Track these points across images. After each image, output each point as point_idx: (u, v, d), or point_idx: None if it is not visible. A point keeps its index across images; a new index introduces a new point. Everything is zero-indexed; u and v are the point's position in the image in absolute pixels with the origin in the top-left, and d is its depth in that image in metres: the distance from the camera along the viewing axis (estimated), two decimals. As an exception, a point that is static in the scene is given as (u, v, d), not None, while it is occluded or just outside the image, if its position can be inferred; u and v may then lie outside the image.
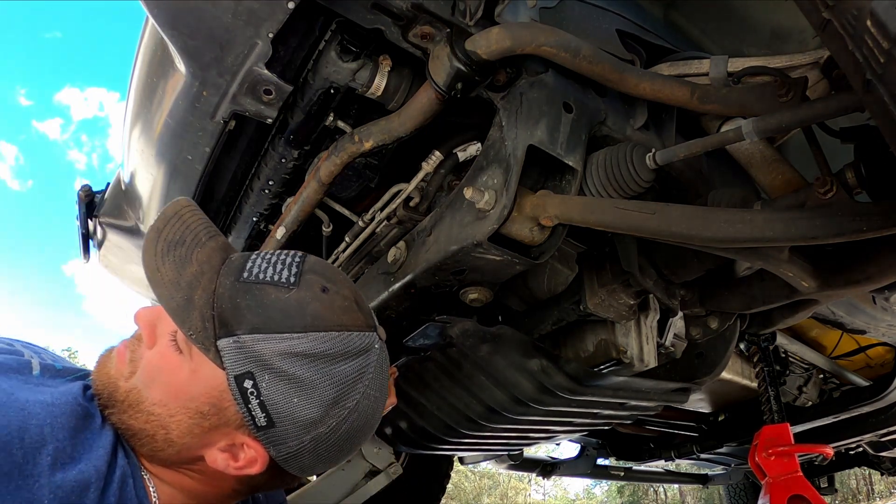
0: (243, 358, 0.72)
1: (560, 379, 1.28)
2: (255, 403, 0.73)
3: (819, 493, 1.68)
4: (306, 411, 0.73)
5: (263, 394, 0.72)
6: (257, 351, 0.72)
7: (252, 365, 0.72)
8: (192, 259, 0.78)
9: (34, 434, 0.65)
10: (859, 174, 0.82)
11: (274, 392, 0.72)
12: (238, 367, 0.72)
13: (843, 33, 0.53)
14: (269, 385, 0.72)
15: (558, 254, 1.30)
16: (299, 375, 0.73)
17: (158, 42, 1.10)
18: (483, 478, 19.09)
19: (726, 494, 4.59)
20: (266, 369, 0.72)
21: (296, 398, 0.73)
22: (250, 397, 0.72)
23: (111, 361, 0.81)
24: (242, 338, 0.73)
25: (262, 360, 0.72)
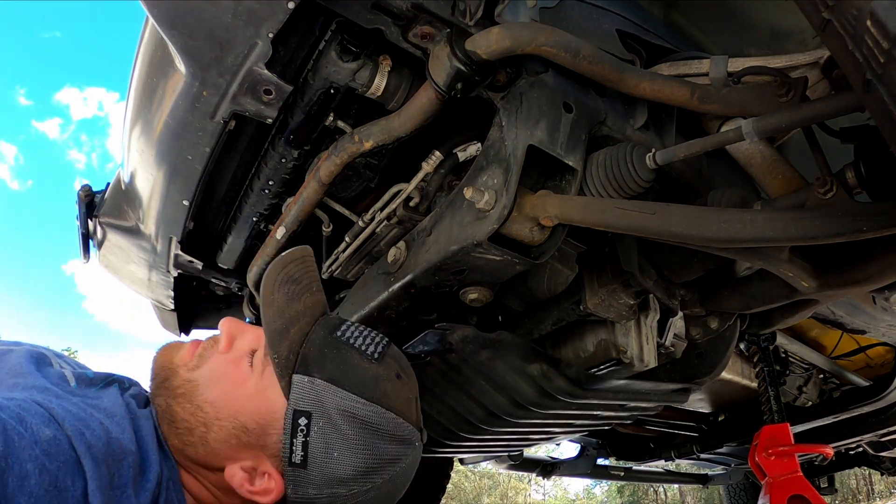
0: (309, 398, 0.79)
1: (560, 383, 1.28)
2: (300, 441, 0.78)
3: (819, 493, 1.68)
4: (340, 468, 0.78)
5: (311, 436, 0.78)
6: (324, 398, 0.78)
7: (314, 407, 0.78)
8: (300, 299, 0.87)
9: (115, 447, 0.68)
10: (859, 174, 0.82)
11: (321, 438, 0.78)
12: (302, 403, 0.78)
13: (843, 33, 0.53)
14: (320, 431, 0.78)
15: (558, 254, 1.30)
16: (349, 435, 0.78)
17: (158, 42, 1.10)
18: (483, 478, 19.08)
19: (726, 494, 4.59)
20: (324, 416, 0.78)
21: (336, 452, 0.77)
22: (298, 433, 0.78)
23: (178, 350, 0.87)
24: (317, 381, 0.79)
25: (324, 408, 0.78)
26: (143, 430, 0.76)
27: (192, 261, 1.61)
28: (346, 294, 1.40)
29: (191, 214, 1.43)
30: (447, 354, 1.27)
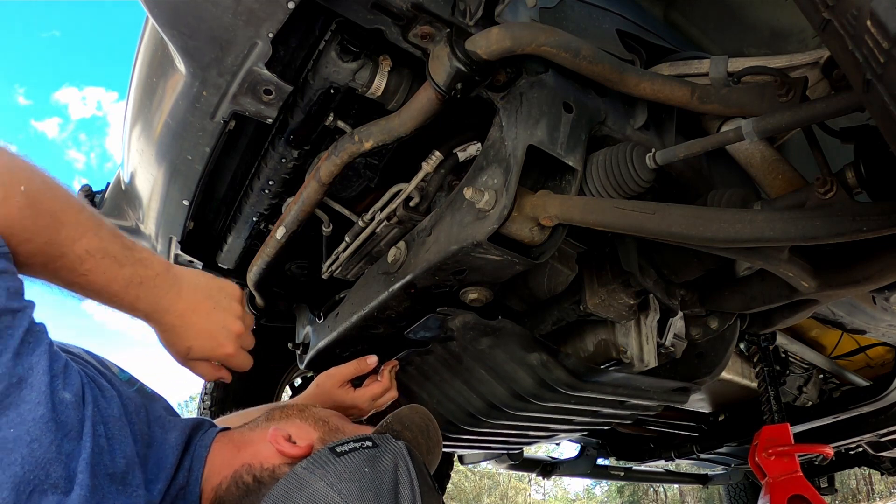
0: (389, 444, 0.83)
1: (560, 374, 1.28)
2: (353, 445, 0.81)
3: (819, 493, 1.68)
4: (342, 486, 0.75)
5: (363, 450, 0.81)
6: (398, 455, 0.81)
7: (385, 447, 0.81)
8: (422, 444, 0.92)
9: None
10: (859, 174, 0.82)
11: (368, 456, 0.79)
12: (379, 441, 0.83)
13: (843, 33, 0.53)
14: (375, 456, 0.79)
15: (558, 254, 1.30)
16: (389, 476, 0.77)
17: (158, 42, 1.10)
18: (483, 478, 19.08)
19: (726, 494, 4.59)
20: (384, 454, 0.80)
21: (368, 469, 0.77)
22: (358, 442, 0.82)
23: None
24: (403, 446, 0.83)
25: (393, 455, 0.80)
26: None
27: (192, 261, 1.61)
28: (346, 294, 1.40)
29: (191, 214, 1.43)
30: (448, 342, 1.27)
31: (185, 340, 0.84)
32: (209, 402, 2.36)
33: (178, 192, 1.37)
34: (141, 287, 0.77)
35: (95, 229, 0.72)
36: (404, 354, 1.37)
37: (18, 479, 0.55)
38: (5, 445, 0.55)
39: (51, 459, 0.58)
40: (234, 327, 0.87)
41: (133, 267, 0.76)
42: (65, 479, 0.59)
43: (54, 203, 0.68)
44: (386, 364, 1.27)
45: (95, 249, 0.72)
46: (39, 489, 0.57)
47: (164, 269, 0.81)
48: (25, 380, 0.59)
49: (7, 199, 0.62)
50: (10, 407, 0.57)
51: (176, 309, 0.82)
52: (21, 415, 0.57)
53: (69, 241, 0.69)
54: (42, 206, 0.66)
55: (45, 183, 0.68)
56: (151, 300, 0.79)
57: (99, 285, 0.74)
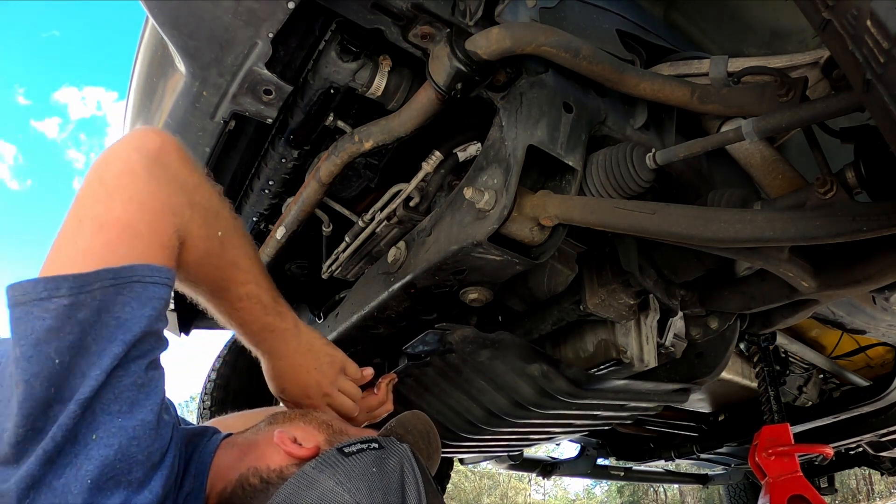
0: (393, 446, 0.84)
1: (561, 383, 1.28)
2: (360, 446, 0.82)
3: (819, 493, 1.68)
4: (346, 482, 0.75)
5: (370, 451, 0.81)
6: (403, 456, 0.81)
7: (390, 449, 0.83)
8: (422, 449, 0.92)
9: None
10: (859, 174, 0.82)
11: (375, 456, 0.80)
12: (383, 442, 0.84)
13: (843, 33, 0.53)
14: (381, 456, 0.80)
15: (558, 254, 1.30)
16: (396, 476, 0.78)
17: (158, 42, 1.10)
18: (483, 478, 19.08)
19: (726, 494, 4.59)
20: (390, 456, 0.80)
21: (375, 468, 0.77)
22: (364, 443, 0.83)
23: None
24: (407, 448, 0.84)
25: (398, 456, 0.81)
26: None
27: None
28: (346, 294, 1.40)
29: (191, 214, 1.42)
30: (447, 354, 1.27)
31: (283, 383, 0.99)
32: (209, 403, 2.36)
33: (178, 192, 1.37)
34: (272, 334, 0.94)
35: (257, 279, 0.90)
36: (403, 367, 1.37)
37: (108, 461, 0.61)
38: (109, 429, 0.61)
39: (140, 461, 0.64)
40: (326, 389, 1.00)
41: (273, 317, 0.93)
42: (139, 482, 0.64)
43: (238, 251, 0.86)
44: (384, 377, 1.27)
45: (253, 295, 0.89)
46: (116, 480, 0.62)
47: (294, 324, 0.97)
48: (147, 388, 0.66)
49: (209, 238, 0.80)
50: (130, 402, 0.63)
51: (287, 358, 0.97)
52: (134, 412, 0.63)
53: (237, 283, 0.87)
54: (228, 251, 0.84)
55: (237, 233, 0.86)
56: (274, 346, 0.96)
57: (243, 321, 0.91)
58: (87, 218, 0.66)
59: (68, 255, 0.65)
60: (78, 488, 0.59)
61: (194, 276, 0.82)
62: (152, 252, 0.68)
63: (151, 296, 0.66)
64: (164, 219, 0.70)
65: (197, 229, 0.76)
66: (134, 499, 0.63)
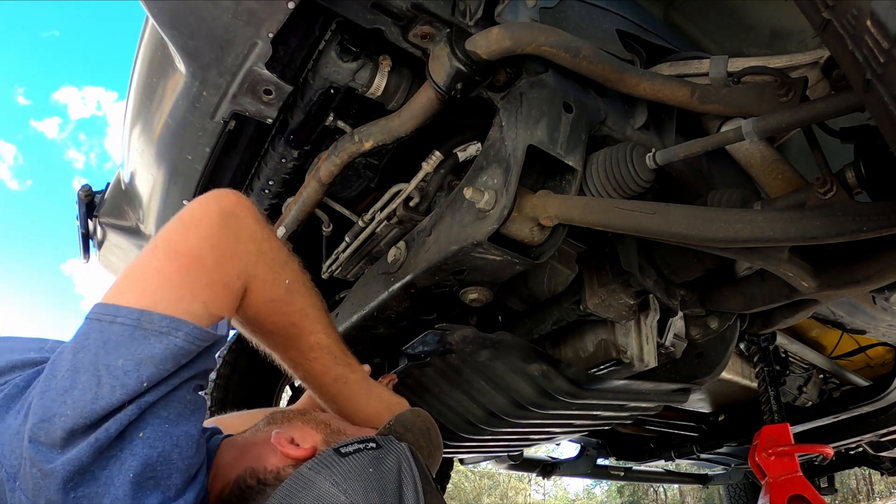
0: (392, 444, 0.84)
1: (561, 383, 1.28)
2: (357, 446, 0.82)
3: (819, 493, 1.68)
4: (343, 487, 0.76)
5: (367, 451, 0.82)
6: (401, 455, 0.82)
7: (388, 448, 0.83)
8: (423, 447, 0.92)
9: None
10: (859, 174, 0.82)
11: (372, 456, 0.80)
12: (382, 442, 0.84)
13: (843, 33, 0.53)
14: (379, 456, 0.80)
15: (558, 254, 1.30)
16: (393, 475, 0.78)
17: (158, 42, 1.10)
18: (483, 478, 19.08)
19: (726, 494, 4.59)
20: (388, 455, 0.81)
21: (372, 469, 0.78)
22: (362, 444, 0.83)
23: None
24: (406, 447, 0.83)
25: (397, 456, 0.81)
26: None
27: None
28: (346, 294, 1.40)
29: (191, 214, 1.42)
30: (447, 355, 1.27)
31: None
32: (209, 403, 2.36)
33: (178, 193, 1.37)
34: (344, 386, 0.97)
35: (326, 329, 0.93)
36: (403, 368, 1.37)
37: (151, 461, 0.64)
38: (156, 431, 0.65)
39: (180, 469, 0.67)
40: None
41: (344, 368, 0.95)
42: (177, 490, 0.67)
43: (306, 300, 0.89)
44: (383, 377, 1.27)
45: (324, 345, 0.92)
46: (156, 482, 0.65)
47: (363, 376, 1.00)
48: (193, 406, 0.71)
49: (275, 282, 0.84)
50: (178, 413, 0.68)
51: (362, 414, 0.99)
52: (180, 423, 0.68)
53: (307, 332, 0.90)
54: (296, 299, 0.88)
55: (304, 284, 0.90)
56: (347, 401, 0.98)
57: (315, 372, 0.94)
58: (163, 244, 0.74)
59: (142, 273, 0.73)
60: (120, 481, 0.62)
61: (263, 322, 0.86)
62: (214, 290, 0.74)
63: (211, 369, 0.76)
64: (230, 261, 0.77)
65: (263, 274, 0.81)
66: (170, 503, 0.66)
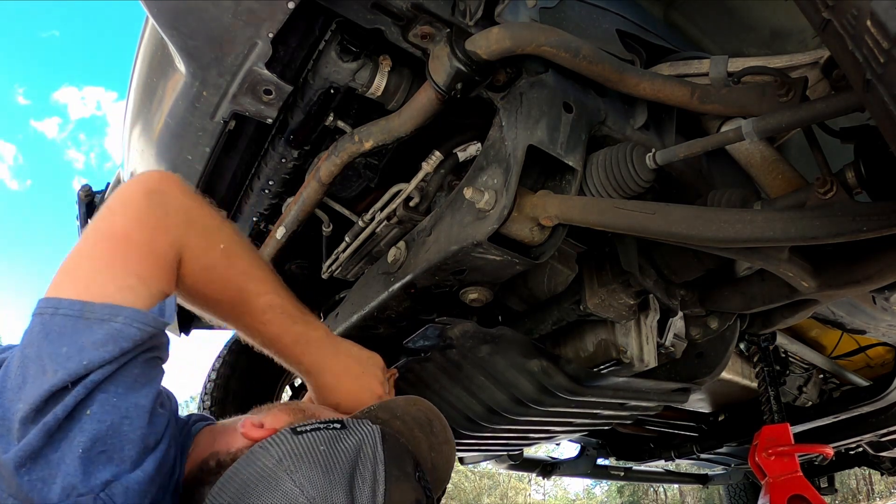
0: (361, 426, 0.82)
1: (560, 379, 1.28)
2: (316, 425, 0.80)
3: (819, 493, 1.68)
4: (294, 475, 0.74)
5: (325, 431, 0.80)
6: (367, 438, 0.79)
7: (354, 430, 0.80)
8: (422, 444, 0.90)
9: None
10: (859, 174, 0.82)
11: (328, 436, 0.78)
12: (350, 422, 0.82)
13: (843, 33, 0.53)
14: (336, 435, 0.78)
15: (558, 254, 1.30)
16: (346, 456, 0.76)
17: (158, 42, 1.10)
18: (483, 478, 19.08)
19: (726, 494, 4.58)
20: (349, 436, 0.79)
21: (324, 447, 0.76)
22: (323, 423, 0.82)
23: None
24: (376, 430, 0.81)
25: (360, 438, 0.79)
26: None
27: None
28: (346, 294, 1.40)
29: (191, 214, 1.42)
30: (447, 350, 1.27)
31: (336, 397, 0.96)
32: (209, 403, 2.36)
33: (178, 192, 1.37)
34: (307, 345, 0.93)
35: (275, 290, 0.90)
36: (403, 363, 1.37)
37: (99, 435, 0.64)
38: (104, 405, 0.65)
39: (132, 440, 0.67)
40: (378, 390, 0.98)
41: (303, 326, 0.92)
42: (133, 461, 0.67)
43: (246, 262, 0.87)
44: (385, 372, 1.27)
45: (276, 305, 0.89)
46: (108, 455, 0.65)
47: (326, 333, 0.97)
48: (144, 378, 0.70)
49: (209, 248, 0.82)
50: (126, 387, 0.67)
51: (333, 369, 0.96)
52: (128, 395, 0.68)
53: (254, 294, 0.87)
54: (235, 262, 0.85)
55: (243, 246, 0.87)
56: (314, 358, 0.95)
57: (272, 335, 0.90)
58: (93, 231, 0.75)
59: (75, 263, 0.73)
60: (70, 458, 0.62)
61: (205, 292, 0.84)
62: (147, 264, 0.73)
63: (166, 343, 0.75)
64: (159, 234, 0.76)
65: (195, 242, 0.79)
66: (125, 476, 0.66)
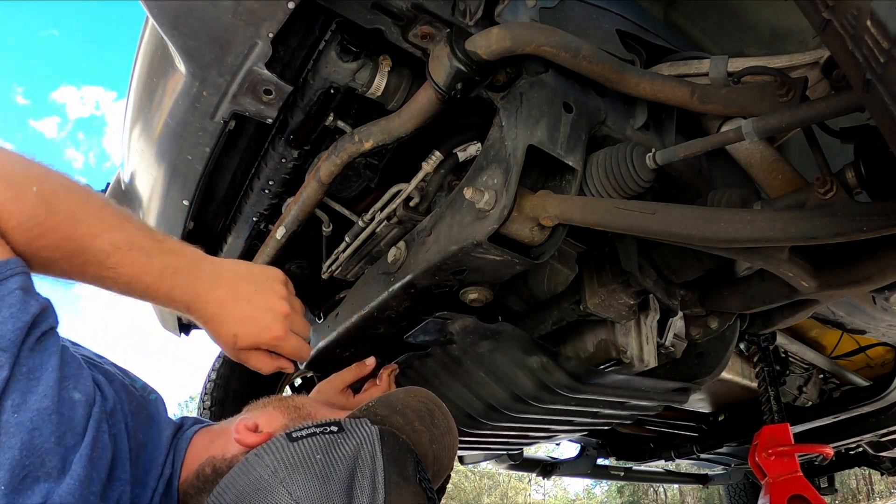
0: (359, 428, 0.78)
1: (560, 376, 1.28)
2: (312, 430, 0.78)
3: (819, 493, 1.68)
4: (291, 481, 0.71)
5: (322, 436, 0.77)
6: (366, 441, 0.76)
7: (353, 432, 0.77)
8: (423, 432, 0.87)
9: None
10: (859, 174, 0.82)
11: (325, 441, 0.75)
12: (349, 424, 0.79)
13: (843, 33, 0.53)
14: (334, 441, 0.75)
15: (558, 254, 1.30)
16: (345, 464, 0.73)
17: (158, 42, 1.10)
18: (483, 478, 19.08)
19: (726, 494, 4.59)
20: (347, 440, 0.75)
21: (321, 455, 0.73)
22: (319, 427, 0.79)
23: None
24: (374, 432, 0.77)
25: (358, 441, 0.75)
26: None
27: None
28: (346, 294, 1.40)
29: (191, 214, 1.43)
30: (448, 345, 1.27)
31: (230, 328, 0.82)
32: (209, 402, 2.36)
33: (178, 192, 1.37)
34: (176, 276, 0.77)
35: (120, 224, 0.73)
36: (404, 358, 1.37)
37: (15, 462, 0.57)
38: (8, 429, 0.58)
39: (48, 449, 0.60)
40: (280, 308, 0.84)
41: (164, 257, 0.76)
42: (59, 470, 0.61)
43: (69, 202, 0.70)
44: (385, 367, 1.27)
45: (121, 242, 0.72)
46: (33, 475, 0.59)
47: (199, 257, 0.81)
48: (34, 372, 0.61)
49: (19, 196, 0.65)
50: (18, 393, 0.59)
51: (215, 296, 0.80)
52: (27, 403, 0.59)
53: (89, 237, 0.70)
54: (57, 205, 0.68)
55: (62, 184, 0.70)
56: (188, 289, 0.78)
57: (129, 277, 0.74)
58: None
59: None
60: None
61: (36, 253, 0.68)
62: None
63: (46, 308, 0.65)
64: None
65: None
66: (56, 490, 0.60)
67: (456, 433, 0.92)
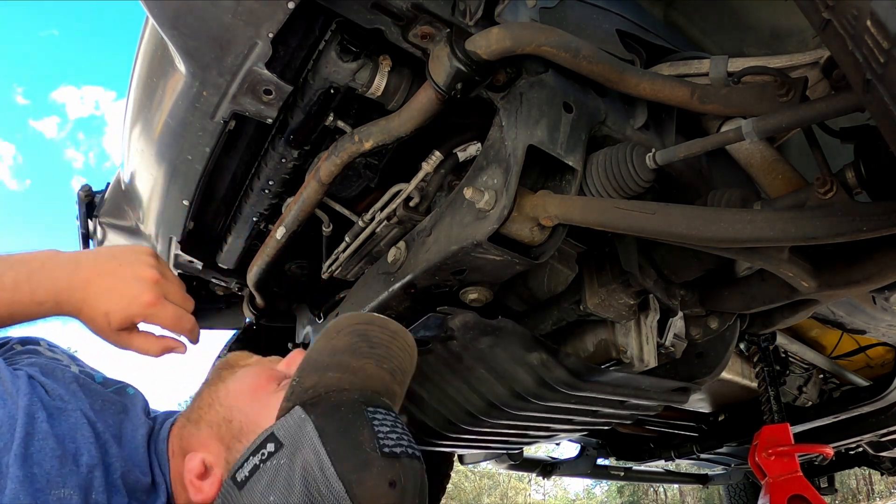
0: (291, 433, 0.72)
1: (560, 373, 1.28)
2: (254, 462, 0.72)
3: (819, 493, 1.68)
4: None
5: (266, 464, 0.71)
6: (302, 442, 0.70)
7: (288, 442, 0.71)
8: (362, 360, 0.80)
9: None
10: (859, 174, 0.82)
11: (271, 473, 0.70)
12: (281, 432, 0.72)
13: (843, 33, 0.53)
14: (275, 467, 0.70)
15: (558, 254, 1.30)
16: (295, 490, 0.69)
17: (158, 42, 1.10)
18: (483, 478, 19.08)
19: (726, 494, 4.59)
20: (289, 457, 0.70)
21: (273, 497, 0.69)
22: (258, 454, 0.72)
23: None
24: (308, 424, 0.71)
25: (295, 450, 0.70)
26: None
27: (192, 261, 1.61)
28: (346, 294, 1.40)
29: (191, 214, 1.43)
30: (448, 341, 1.27)
31: (99, 306, 0.77)
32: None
33: (178, 192, 1.37)
34: (32, 278, 0.74)
35: None
36: None
37: None
38: None
39: None
40: (147, 274, 0.80)
41: (12, 269, 0.74)
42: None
43: None
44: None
45: None
46: None
47: (52, 254, 0.78)
48: None
49: None
50: None
51: (78, 281, 0.76)
52: None
53: None
54: None
55: None
56: (49, 285, 0.75)
57: None
58: None
59: None
60: None
61: None
62: None
63: None
64: None
65: None
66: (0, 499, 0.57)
67: (403, 330, 0.87)
